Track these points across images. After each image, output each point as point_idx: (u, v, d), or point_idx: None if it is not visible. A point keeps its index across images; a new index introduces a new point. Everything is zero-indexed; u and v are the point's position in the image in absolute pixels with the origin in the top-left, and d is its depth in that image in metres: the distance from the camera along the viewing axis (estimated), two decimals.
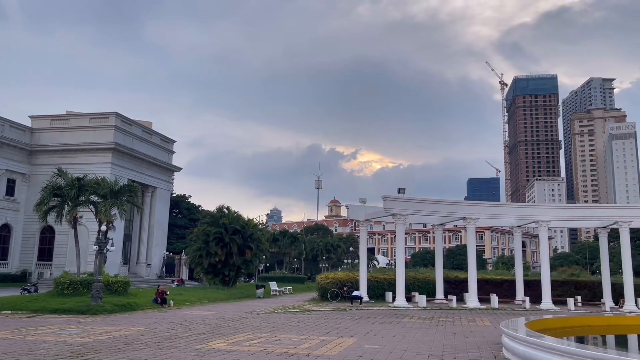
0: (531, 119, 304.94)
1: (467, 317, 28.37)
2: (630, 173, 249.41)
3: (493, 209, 42.19)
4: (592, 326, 21.48)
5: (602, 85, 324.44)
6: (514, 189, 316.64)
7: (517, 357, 13.40)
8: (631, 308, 37.34)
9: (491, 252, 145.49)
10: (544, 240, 41.97)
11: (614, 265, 54.50)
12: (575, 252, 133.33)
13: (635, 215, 41.43)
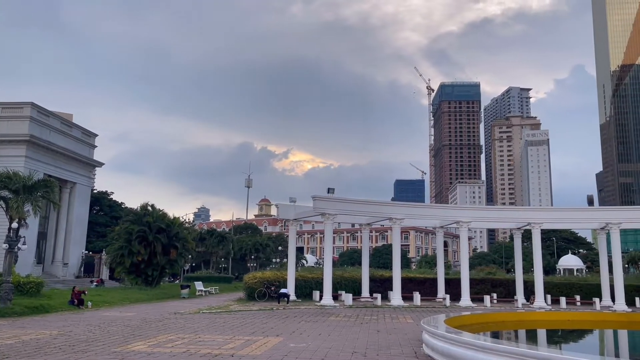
0: (455, 124, 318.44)
1: (391, 315, 29.13)
2: (543, 177, 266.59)
3: (418, 210, 43.63)
4: (505, 322, 22.70)
5: (520, 94, 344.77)
6: (438, 190, 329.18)
7: (436, 353, 13.87)
8: (540, 304, 39.86)
9: (416, 252, 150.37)
10: (464, 240, 43.87)
11: (526, 264, 58.03)
12: (492, 251, 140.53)
13: (546, 217, 44.33)
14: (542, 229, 43.81)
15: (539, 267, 42.23)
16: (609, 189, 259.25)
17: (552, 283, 46.96)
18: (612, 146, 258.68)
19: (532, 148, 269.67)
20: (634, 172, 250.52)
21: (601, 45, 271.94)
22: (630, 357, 15.87)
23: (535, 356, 10.15)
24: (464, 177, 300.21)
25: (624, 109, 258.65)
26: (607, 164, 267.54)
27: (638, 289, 43.86)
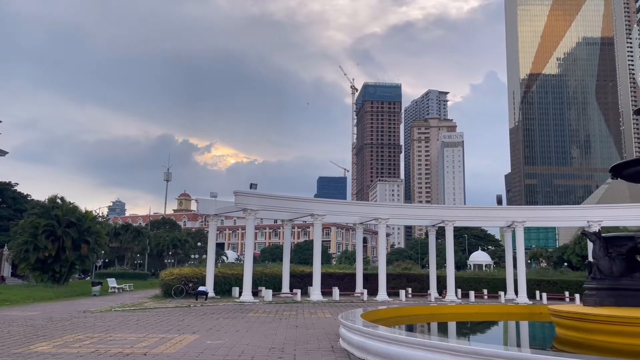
0: (377, 123, 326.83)
1: (310, 310, 29.36)
2: (457, 177, 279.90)
3: (339, 207, 44.30)
4: (419, 315, 23.47)
5: (438, 97, 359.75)
6: (359, 188, 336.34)
7: (352, 347, 14.12)
8: (452, 298, 41.85)
9: (336, 247, 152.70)
10: (382, 237, 45.10)
11: (440, 260, 60.62)
12: (409, 247, 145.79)
13: (458, 215, 46.50)
14: (455, 227, 45.96)
15: (451, 262, 44.31)
16: (516, 189, 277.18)
17: (463, 278, 49.42)
18: (519, 149, 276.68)
19: (448, 149, 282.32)
20: (538, 174, 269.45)
21: (512, 54, 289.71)
22: (530, 346, 16.93)
23: (444, 347, 10.59)
24: (384, 176, 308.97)
25: (531, 115, 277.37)
26: (514, 166, 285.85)
27: (539, 283, 47.16)
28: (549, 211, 51.99)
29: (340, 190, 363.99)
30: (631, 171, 17.23)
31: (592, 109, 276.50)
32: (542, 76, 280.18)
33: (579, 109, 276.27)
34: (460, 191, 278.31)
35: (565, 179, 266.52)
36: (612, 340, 13.11)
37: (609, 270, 15.70)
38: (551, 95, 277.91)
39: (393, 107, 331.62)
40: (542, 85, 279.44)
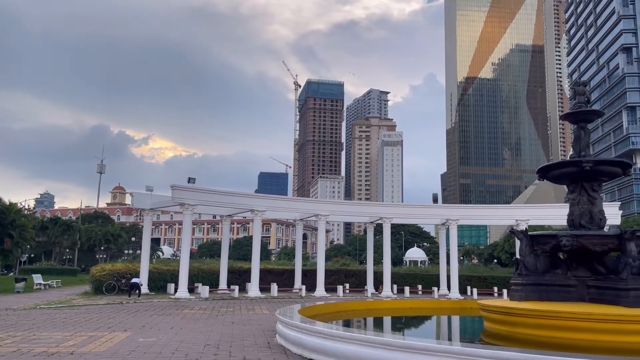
0: (320, 120, 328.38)
1: (248, 306, 29.15)
2: (396, 176, 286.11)
3: (279, 203, 44.13)
4: (355, 310, 23.84)
5: (379, 96, 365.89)
6: (301, 184, 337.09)
7: (289, 343, 14.13)
8: (388, 293, 42.78)
9: (276, 243, 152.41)
10: (321, 233, 45.42)
11: (377, 256, 61.78)
12: (348, 244, 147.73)
13: (396, 213, 47.53)
14: (392, 224, 46.95)
15: (387, 259, 45.26)
16: (451, 188, 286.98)
17: (399, 274, 50.62)
18: (455, 150, 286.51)
19: (387, 148, 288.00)
20: (472, 174, 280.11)
21: (451, 57, 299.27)
22: (460, 340, 17.56)
23: (379, 342, 10.79)
24: (326, 173, 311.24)
25: (467, 117, 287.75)
26: (450, 166, 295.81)
27: (470, 279, 49.03)
28: (481, 210, 54.13)
29: (282, 187, 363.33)
30: (556, 173, 18.24)
31: (522, 113, 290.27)
32: (478, 80, 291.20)
33: (511, 112, 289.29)
34: (399, 189, 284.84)
35: (497, 179, 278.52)
36: (535, 333, 13.82)
37: (533, 267, 16.55)
38: (486, 98, 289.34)
39: (335, 105, 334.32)
40: (478, 89, 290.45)
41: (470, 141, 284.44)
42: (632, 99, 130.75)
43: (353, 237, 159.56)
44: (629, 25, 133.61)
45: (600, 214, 17.04)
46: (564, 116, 18.96)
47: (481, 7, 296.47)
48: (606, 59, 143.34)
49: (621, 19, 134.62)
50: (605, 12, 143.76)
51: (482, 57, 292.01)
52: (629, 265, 14.50)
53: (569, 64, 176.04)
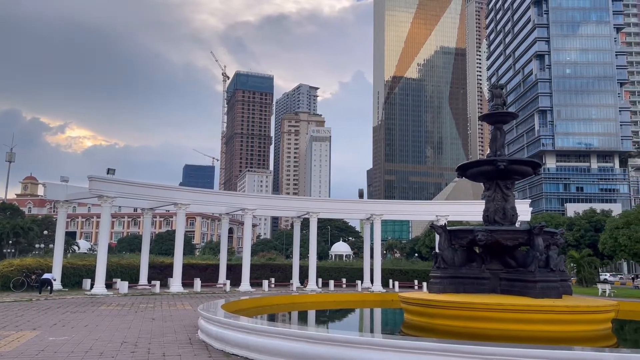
0: (248, 113, 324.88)
1: (169, 302, 28.35)
2: (323, 171, 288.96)
3: (204, 196, 43.20)
4: (280, 304, 23.86)
5: (309, 92, 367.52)
6: (228, 178, 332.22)
7: (211, 338, 13.87)
8: (313, 287, 43.16)
9: (201, 238, 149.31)
10: (248, 227, 45.00)
11: (304, 251, 62.15)
12: (275, 238, 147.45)
13: (323, 208, 47.94)
14: (319, 218, 47.36)
15: (313, 253, 45.65)
16: (377, 184, 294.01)
17: (324, 268, 51.25)
18: (381, 147, 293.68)
19: (316, 143, 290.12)
20: (397, 171, 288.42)
21: (379, 56, 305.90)
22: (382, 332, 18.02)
23: (301, 335, 10.84)
24: (254, 166, 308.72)
25: (393, 115, 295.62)
26: (376, 162, 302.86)
27: (392, 272, 50.55)
28: (404, 206, 55.89)
29: (208, 180, 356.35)
30: (473, 171, 19.13)
31: (445, 113, 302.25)
32: (404, 79, 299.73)
33: (435, 112, 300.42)
34: (326, 184, 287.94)
35: (420, 176, 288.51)
36: (452, 323, 14.44)
37: (451, 261, 17.28)
38: (411, 97, 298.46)
39: (265, 98, 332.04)
40: (404, 88, 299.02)
41: (396, 139, 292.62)
42: (544, 103, 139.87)
43: (280, 232, 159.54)
44: (542, 33, 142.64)
45: (513, 210, 18.07)
46: (482, 117, 19.89)
47: (408, 9, 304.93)
48: (521, 65, 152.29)
49: (536, 28, 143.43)
50: (522, 20, 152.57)
51: (409, 58, 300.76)
52: (537, 258, 15.47)
53: (489, 67, 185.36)
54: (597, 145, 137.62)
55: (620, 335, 15.97)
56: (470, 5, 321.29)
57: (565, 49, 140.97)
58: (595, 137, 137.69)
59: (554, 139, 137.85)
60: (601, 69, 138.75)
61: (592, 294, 38.78)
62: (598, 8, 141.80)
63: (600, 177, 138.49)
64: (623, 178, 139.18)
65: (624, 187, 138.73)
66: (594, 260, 59.67)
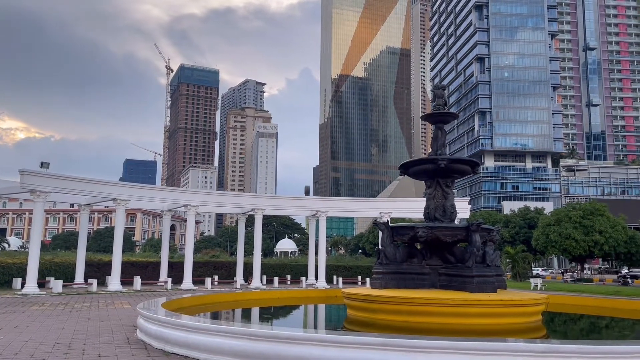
0: (193, 107, 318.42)
1: (107, 301, 27.40)
2: (270, 168, 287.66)
3: (146, 192, 41.96)
4: (223, 302, 23.57)
5: (255, 87, 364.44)
6: (170, 173, 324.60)
7: (150, 337, 13.52)
8: (257, 284, 42.91)
9: (142, 235, 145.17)
10: (191, 224, 44.14)
11: (249, 247, 61.68)
12: (219, 235, 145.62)
13: (268, 204, 47.73)
14: (265, 215, 47.09)
15: (258, 250, 45.35)
16: (323, 181, 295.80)
17: (269, 264, 51.08)
18: (327, 144, 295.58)
19: (262, 139, 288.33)
20: (342, 169, 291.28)
21: (325, 54, 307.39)
22: (326, 328, 18.14)
23: (244, 333, 10.74)
24: (198, 162, 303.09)
25: (339, 113, 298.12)
26: (322, 159, 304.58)
27: (336, 268, 51.01)
28: (349, 203, 56.44)
29: (150, 175, 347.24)
30: (415, 169, 19.56)
31: (390, 112, 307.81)
32: (351, 78, 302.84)
33: (380, 111, 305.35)
34: (272, 181, 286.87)
35: (365, 174, 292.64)
36: (393, 318, 14.72)
37: (393, 257, 17.60)
38: (357, 96, 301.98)
39: (210, 93, 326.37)
40: (350, 87, 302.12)
41: (342, 137, 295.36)
42: (483, 105, 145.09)
43: (224, 229, 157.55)
44: (483, 37, 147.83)
45: (452, 207, 18.62)
46: (424, 117, 20.37)
47: (355, 8, 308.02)
48: (463, 67, 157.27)
49: (477, 31, 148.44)
50: (464, 24, 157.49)
51: (355, 56, 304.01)
52: (474, 254, 16.02)
53: (432, 68, 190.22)
54: (532, 146, 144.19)
55: (550, 327, 16.80)
56: (415, 7, 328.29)
57: (503, 53, 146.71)
58: (530, 138, 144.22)
59: (493, 139, 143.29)
60: (536, 73, 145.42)
61: (525, 288, 40.67)
62: (534, 15, 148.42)
63: (534, 177, 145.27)
64: (555, 178, 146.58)
65: (556, 186, 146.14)
66: (528, 255, 62.57)
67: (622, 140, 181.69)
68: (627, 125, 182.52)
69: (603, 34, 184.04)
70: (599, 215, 68.37)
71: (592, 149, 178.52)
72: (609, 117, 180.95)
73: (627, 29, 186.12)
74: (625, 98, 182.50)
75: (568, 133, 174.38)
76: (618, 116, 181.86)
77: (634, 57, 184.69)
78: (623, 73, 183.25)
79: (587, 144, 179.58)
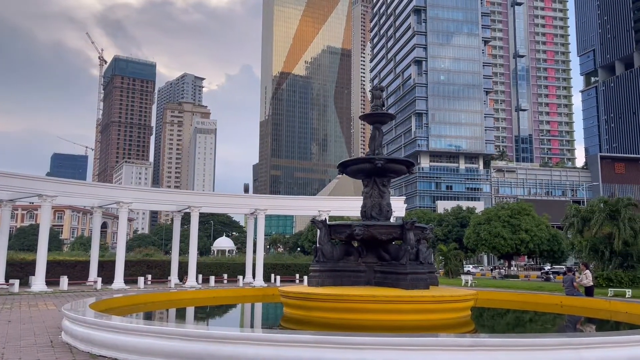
0: (127, 101, 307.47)
1: (30, 302, 25.94)
2: (208, 164, 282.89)
3: (74, 187, 40.03)
4: (156, 302, 22.88)
5: (194, 82, 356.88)
6: (102, 169, 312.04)
7: (77, 340, 12.91)
8: (192, 284, 42.02)
9: (70, 233, 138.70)
10: (123, 222, 42.59)
11: (184, 246, 60.41)
12: (154, 233, 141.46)
13: (205, 202, 46.93)
14: (202, 213, 46.21)
15: (194, 248, 44.44)
16: (262, 179, 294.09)
17: (205, 263, 50.18)
18: (267, 142, 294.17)
19: (200, 135, 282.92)
20: (283, 166, 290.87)
21: (266, 51, 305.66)
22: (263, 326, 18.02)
23: (176, 333, 10.46)
24: (132, 157, 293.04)
25: (280, 111, 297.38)
26: (262, 157, 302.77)
27: (275, 267, 50.83)
28: (288, 201, 56.42)
29: (80, 170, 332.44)
30: (353, 168, 19.79)
31: (330, 112, 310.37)
32: (292, 76, 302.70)
33: (320, 110, 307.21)
34: (210, 178, 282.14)
35: (305, 172, 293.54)
36: (329, 316, 14.81)
37: (330, 254, 17.73)
38: (298, 94, 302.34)
39: (146, 86, 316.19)
40: (291, 84, 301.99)
41: (282, 134, 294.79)
42: (420, 107, 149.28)
43: (159, 227, 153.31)
44: (421, 40, 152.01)
45: (388, 206, 18.99)
46: (362, 117, 20.65)
47: (297, 6, 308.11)
48: (402, 69, 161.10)
49: (415, 35, 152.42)
50: (403, 27, 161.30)
51: (296, 55, 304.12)
52: (408, 252, 16.39)
53: (372, 69, 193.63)
54: (465, 147, 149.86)
55: (479, 322, 17.47)
56: (357, 8, 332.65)
57: (440, 56, 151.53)
58: (463, 140, 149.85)
59: (429, 140, 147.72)
60: (470, 77, 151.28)
61: (457, 285, 42.20)
62: (469, 21, 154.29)
63: (467, 177, 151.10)
64: (486, 178, 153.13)
65: (487, 186, 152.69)
66: (459, 253, 64.99)
67: (547, 143, 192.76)
68: (552, 129, 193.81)
69: (532, 42, 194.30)
70: (526, 215, 72.01)
71: (520, 152, 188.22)
72: (535, 122, 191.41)
73: (554, 38, 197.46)
74: (550, 104, 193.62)
75: (499, 136, 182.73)
76: (544, 121, 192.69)
77: (559, 65, 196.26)
78: (549, 80, 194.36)
79: (516, 146, 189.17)
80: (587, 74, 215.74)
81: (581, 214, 44.15)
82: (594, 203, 45.75)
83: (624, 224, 39.24)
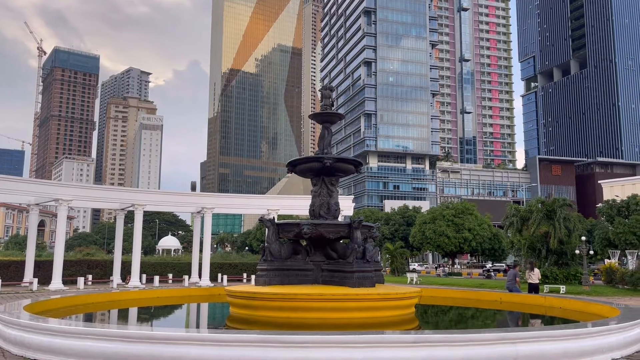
0: (68, 94, 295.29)
1: None
2: (153, 161, 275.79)
3: (8, 184, 38.10)
4: (97, 303, 22.14)
5: (140, 76, 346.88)
6: (40, 164, 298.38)
7: (9, 343, 12.30)
8: (135, 284, 40.87)
9: (4, 231, 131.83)
10: (61, 220, 40.86)
11: (128, 245, 58.66)
12: (95, 232, 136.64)
13: (150, 200, 45.75)
14: (147, 211, 45.02)
15: (137, 247, 43.25)
16: (210, 177, 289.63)
17: (149, 263, 48.95)
18: (216, 139, 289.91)
19: (146, 132, 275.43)
20: (231, 164, 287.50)
21: (216, 47, 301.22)
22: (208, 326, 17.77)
23: (116, 334, 10.16)
24: (73, 153, 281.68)
25: (229, 108, 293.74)
26: (210, 154, 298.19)
27: (222, 266, 50.23)
28: (236, 199, 55.90)
29: (16, 165, 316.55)
30: (302, 167, 19.82)
31: (280, 110, 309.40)
32: (242, 73, 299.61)
33: (270, 108, 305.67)
34: (156, 175, 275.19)
35: (254, 171, 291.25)
36: (275, 315, 14.76)
37: (278, 253, 17.68)
38: (248, 92, 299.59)
39: (89, 80, 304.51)
40: (241, 82, 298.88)
41: (231, 132, 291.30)
42: (369, 107, 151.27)
43: (101, 225, 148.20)
44: (370, 42, 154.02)
45: (336, 205, 19.13)
46: (311, 116, 20.71)
47: (248, 3, 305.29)
48: (352, 69, 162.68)
49: (365, 36, 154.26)
50: (353, 28, 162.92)
51: (246, 52, 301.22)
52: (355, 250, 16.57)
53: (322, 69, 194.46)
54: (412, 148, 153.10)
55: (423, 319, 17.89)
56: (308, 7, 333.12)
57: (389, 58, 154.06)
58: (410, 141, 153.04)
59: (377, 140, 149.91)
60: (418, 79, 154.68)
61: (402, 282, 43.08)
62: (417, 24, 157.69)
63: (413, 177, 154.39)
64: (432, 178, 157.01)
65: (432, 186, 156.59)
66: (405, 251, 66.33)
67: (489, 145, 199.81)
68: (495, 132, 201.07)
69: (477, 47, 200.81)
70: (469, 214, 74.32)
71: (464, 153, 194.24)
72: (479, 124, 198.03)
73: (497, 44, 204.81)
74: (493, 107, 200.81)
75: (444, 137, 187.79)
76: (487, 124, 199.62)
77: (501, 70, 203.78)
78: (492, 84, 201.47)
79: (461, 148, 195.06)
80: (527, 79, 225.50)
81: (520, 213, 45.99)
82: (532, 203, 47.80)
83: (559, 224, 41.20)
